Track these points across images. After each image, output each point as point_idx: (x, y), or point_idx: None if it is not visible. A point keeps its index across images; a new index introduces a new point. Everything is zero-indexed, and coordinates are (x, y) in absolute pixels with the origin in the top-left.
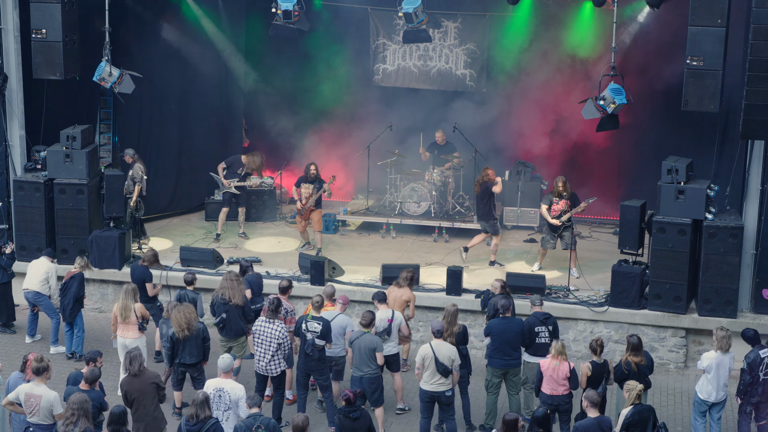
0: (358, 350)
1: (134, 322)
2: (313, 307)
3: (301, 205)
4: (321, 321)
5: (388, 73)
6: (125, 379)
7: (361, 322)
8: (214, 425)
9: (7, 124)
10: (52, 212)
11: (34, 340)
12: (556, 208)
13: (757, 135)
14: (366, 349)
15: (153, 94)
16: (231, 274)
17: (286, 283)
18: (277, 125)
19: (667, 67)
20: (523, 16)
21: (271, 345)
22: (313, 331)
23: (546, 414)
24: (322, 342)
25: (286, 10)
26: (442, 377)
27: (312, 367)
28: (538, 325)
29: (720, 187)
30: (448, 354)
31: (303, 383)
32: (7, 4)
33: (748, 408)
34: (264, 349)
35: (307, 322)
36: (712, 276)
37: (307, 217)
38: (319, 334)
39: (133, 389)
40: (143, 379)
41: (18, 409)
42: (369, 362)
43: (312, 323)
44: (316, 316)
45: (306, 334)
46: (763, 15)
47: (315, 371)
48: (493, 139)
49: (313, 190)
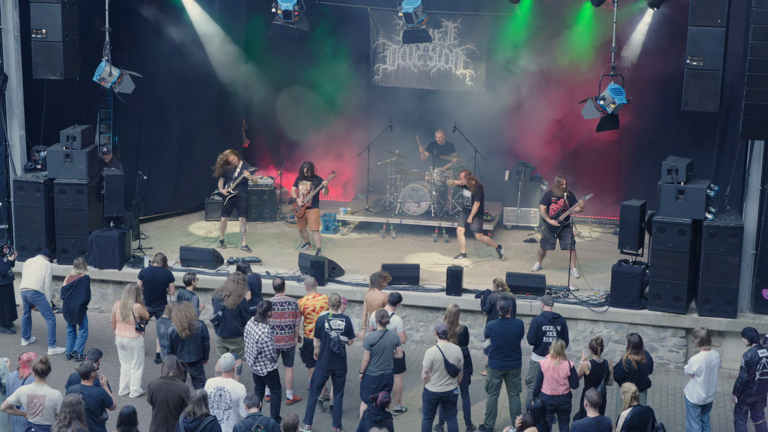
0: (383, 349)
1: (132, 321)
2: (331, 306)
3: (300, 201)
4: (343, 318)
5: (388, 73)
6: (155, 382)
7: (382, 321)
8: (212, 423)
9: (7, 124)
10: (52, 212)
11: (29, 342)
12: (555, 208)
13: (757, 135)
14: (391, 346)
15: (153, 94)
16: (237, 276)
17: (279, 281)
18: (277, 125)
19: (667, 67)
20: (523, 16)
21: (255, 346)
22: (337, 328)
23: (543, 405)
24: (346, 338)
25: (286, 10)
26: (450, 377)
27: (337, 365)
28: (546, 323)
29: (720, 187)
30: (455, 354)
31: (320, 384)
32: (7, 4)
33: (744, 408)
34: (249, 350)
35: (329, 320)
36: (712, 276)
37: (302, 215)
38: (343, 331)
39: (160, 394)
40: (171, 386)
41: (18, 412)
42: (392, 359)
43: (335, 321)
44: (337, 313)
45: (330, 332)
46: (763, 15)
47: (338, 370)
48: (493, 139)
49: (311, 187)
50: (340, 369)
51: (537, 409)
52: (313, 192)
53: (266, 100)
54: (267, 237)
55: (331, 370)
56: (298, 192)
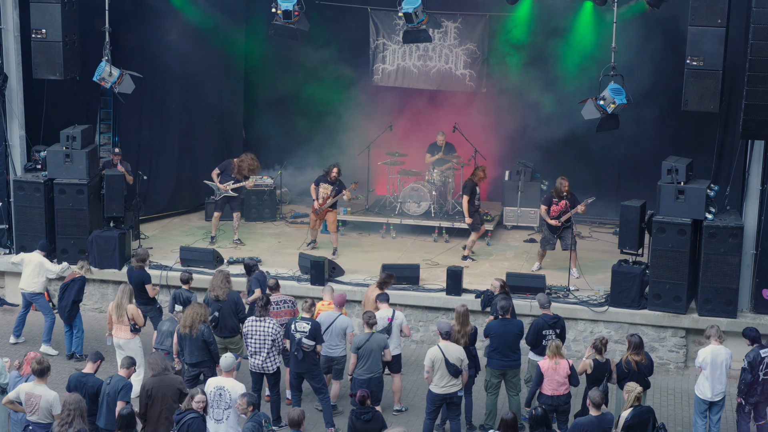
0: (370, 352)
1: (127, 322)
2: (303, 308)
3: (318, 204)
4: (309, 321)
5: (388, 73)
6: (149, 381)
7: (369, 322)
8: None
9: (7, 124)
10: (52, 212)
11: (17, 341)
12: (556, 209)
13: (757, 135)
14: (378, 349)
15: (153, 94)
16: (220, 274)
17: (273, 281)
18: (276, 125)
19: (667, 67)
20: (523, 16)
21: (265, 342)
22: (301, 331)
23: (545, 413)
24: (311, 342)
25: (286, 10)
26: (453, 378)
27: (302, 369)
28: (546, 328)
29: (720, 187)
30: (457, 354)
31: (296, 385)
32: (7, 4)
33: (747, 408)
34: (258, 348)
35: (296, 322)
36: (712, 276)
37: (322, 217)
38: (307, 334)
39: (156, 390)
40: (166, 381)
41: (18, 407)
42: (379, 362)
43: (300, 323)
44: (305, 316)
45: (294, 334)
46: (763, 15)
47: (306, 374)
48: (493, 139)
49: (332, 192)
50: (309, 373)
51: (538, 417)
52: (332, 200)
53: (266, 100)
54: (267, 237)
55: (298, 372)
56: (317, 193)
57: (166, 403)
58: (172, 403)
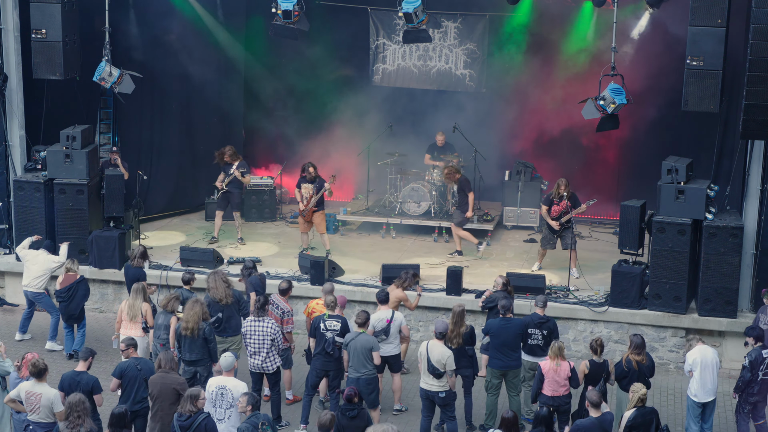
0: (354, 351)
1: (140, 320)
2: (327, 308)
3: (303, 206)
4: (339, 319)
5: (388, 73)
6: (154, 377)
7: (356, 321)
8: (205, 420)
9: (7, 124)
10: (52, 212)
11: (23, 338)
12: (557, 209)
13: (757, 135)
14: (362, 350)
15: (153, 94)
16: (216, 276)
17: (286, 284)
18: (277, 125)
19: (667, 67)
20: (523, 16)
21: (264, 342)
22: (332, 329)
23: (549, 413)
24: (342, 340)
25: (286, 10)
26: (433, 378)
27: (331, 366)
28: (532, 327)
29: (720, 187)
30: (438, 357)
31: (314, 384)
32: (7, 4)
33: (746, 407)
34: (257, 348)
35: (325, 321)
36: (712, 276)
37: (309, 219)
38: (338, 332)
39: (156, 388)
40: (167, 380)
41: (19, 406)
42: (366, 363)
43: (330, 321)
44: (333, 314)
45: (325, 333)
46: (763, 15)
47: (333, 371)
48: (494, 139)
49: (313, 191)
50: (335, 370)
51: (542, 417)
52: (315, 197)
53: (266, 100)
54: (267, 237)
55: (325, 370)
56: (301, 195)
57: (162, 400)
58: (168, 403)
